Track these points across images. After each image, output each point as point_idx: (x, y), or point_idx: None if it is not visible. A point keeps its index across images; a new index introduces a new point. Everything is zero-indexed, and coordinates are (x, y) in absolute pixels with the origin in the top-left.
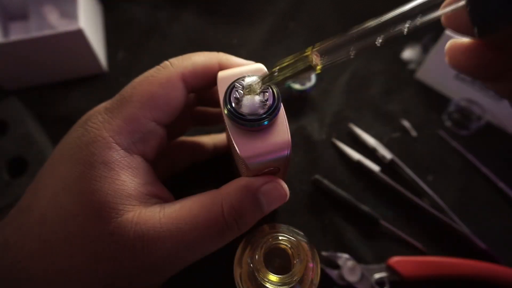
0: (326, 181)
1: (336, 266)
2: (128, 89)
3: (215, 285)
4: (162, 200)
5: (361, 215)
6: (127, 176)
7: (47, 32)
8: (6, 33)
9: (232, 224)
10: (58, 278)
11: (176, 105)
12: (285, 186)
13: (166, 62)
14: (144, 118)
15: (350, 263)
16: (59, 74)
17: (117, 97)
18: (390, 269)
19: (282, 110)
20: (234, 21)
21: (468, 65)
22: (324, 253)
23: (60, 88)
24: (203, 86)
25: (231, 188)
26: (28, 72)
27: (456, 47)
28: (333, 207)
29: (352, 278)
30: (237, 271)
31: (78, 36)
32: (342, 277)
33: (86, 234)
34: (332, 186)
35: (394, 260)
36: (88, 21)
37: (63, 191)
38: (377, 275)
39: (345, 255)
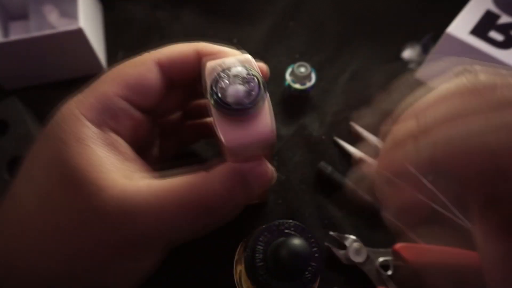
0: (330, 168)
1: (343, 247)
2: (105, 73)
3: (215, 285)
4: (147, 176)
5: (362, 207)
6: (102, 152)
7: (47, 31)
8: (6, 32)
9: (220, 205)
10: (37, 258)
11: (148, 85)
12: (271, 168)
13: (145, 52)
14: (114, 95)
15: (357, 244)
16: (59, 74)
17: (95, 81)
18: (395, 253)
19: (267, 100)
20: (234, 21)
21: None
22: (331, 233)
23: (60, 87)
24: (181, 73)
25: (221, 170)
26: (28, 72)
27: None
28: (334, 202)
29: (357, 259)
30: (237, 272)
31: (78, 35)
32: (348, 258)
33: (65, 210)
34: (337, 174)
35: (400, 245)
36: (88, 21)
37: (40, 170)
38: (382, 259)
39: (352, 237)
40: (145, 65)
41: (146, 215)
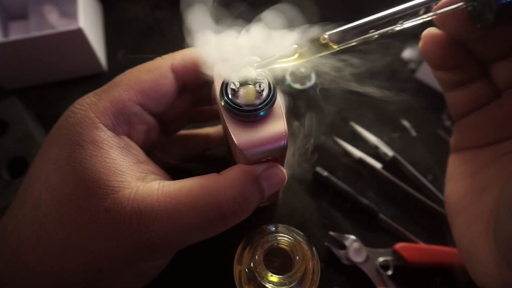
0: (326, 173)
1: (343, 247)
2: (118, 76)
3: (215, 285)
4: (160, 177)
5: (360, 209)
6: (116, 155)
7: (47, 31)
8: (6, 32)
9: (234, 208)
10: (54, 260)
11: (163, 92)
12: (284, 170)
13: (158, 57)
14: (129, 100)
15: (356, 244)
16: (59, 74)
17: (108, 83)
18: (395, 253)
19: (278, 101)
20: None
21: (434, 52)
22: (331, 233)
23: (60, 87)
24: (194, 78)
25: (233, 173)
26: (28, 72)
27: (430, 35)
28: (333, 203)
29: (357, 259)
30: (236, 271)
31: (78, 35)
32: (348, 258)
33: (81, 212)
34: (333, 178)
35: (400, 245)
36: (88, 21)
37: (54, 172)
38: (382, 258)
39: (352, 237)
40: (160, 70)
41: (161, 217)
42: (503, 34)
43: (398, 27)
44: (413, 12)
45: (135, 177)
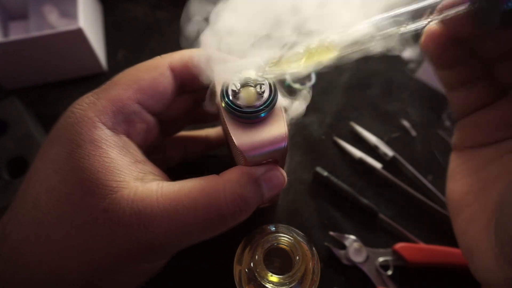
0: (326, 173)
1: (343, 247)
2: (117, 75)
3: (215, 285)
4: (158, 177)
5: (360, 209)
6: (115, 154)
7: (47, 31)
8: (6, 32)
9: (233, 210)
10: (53, 260)
11: (162, 90)
12: (284, 173)
13: (157, 56)
14: (128, 99)
15: (356, 244)
16: (59, 74)
17: (107, 82)
18: (395, 253)
19: (279, 103)
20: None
21: (435, 48)
22: (331, 233)
23: (60, 87)
24: (192, 78)
25: (233, 175)
26: (28, 72)
27: (432, 31)
28: (333, 203)
29: (357, 258)
30: (236, 271)
31: (78, 35)
32: (348, 258)
33: (80, 212)
34: (333, 178)
35: (400, 245)
36: (88, 21)
37: (53, 172)
38: (382, 258)
39: (352, 237)
40: (159, 69)
41: (160, 218)
42: (510, 34)
43: (402, 30)
44: (418, 14)
45: (134, 177)
